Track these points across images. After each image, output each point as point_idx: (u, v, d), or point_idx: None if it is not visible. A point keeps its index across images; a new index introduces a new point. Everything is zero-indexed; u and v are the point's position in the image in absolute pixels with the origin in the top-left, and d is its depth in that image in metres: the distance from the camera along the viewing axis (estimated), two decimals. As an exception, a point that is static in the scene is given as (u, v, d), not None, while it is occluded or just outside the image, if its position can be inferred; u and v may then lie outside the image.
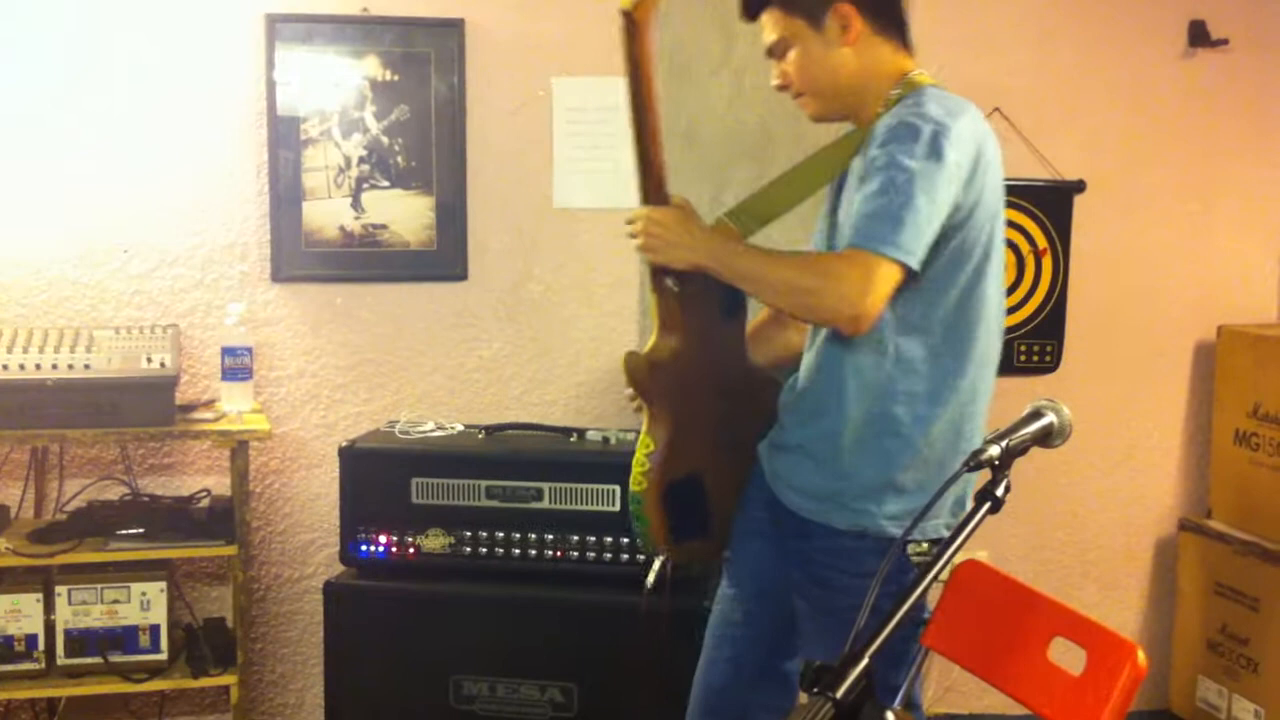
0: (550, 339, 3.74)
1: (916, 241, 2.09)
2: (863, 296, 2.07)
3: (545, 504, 3.14)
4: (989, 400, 2.31)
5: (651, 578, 2.52)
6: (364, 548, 3.20)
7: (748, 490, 2.47)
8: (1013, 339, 3.92)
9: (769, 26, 2.33)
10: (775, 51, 2.35)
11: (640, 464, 2.34)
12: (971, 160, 2.16)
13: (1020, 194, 3.86)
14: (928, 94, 2.23)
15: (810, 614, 2.34)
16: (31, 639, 3.16)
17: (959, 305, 2.22)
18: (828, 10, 2.27)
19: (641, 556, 3.05)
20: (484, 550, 3.16)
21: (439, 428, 3.39)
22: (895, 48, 2.33)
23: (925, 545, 2.23)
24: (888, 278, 2.09)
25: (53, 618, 3.17)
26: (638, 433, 3.37)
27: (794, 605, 2.37)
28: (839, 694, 1.51)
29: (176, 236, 3.51)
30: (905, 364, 2.21)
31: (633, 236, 2.34)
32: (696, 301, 2.33)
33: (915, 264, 2.10)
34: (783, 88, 2.38)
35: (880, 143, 2.16)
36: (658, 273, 2.34)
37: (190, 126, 3.48)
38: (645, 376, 2.32)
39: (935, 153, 2.11)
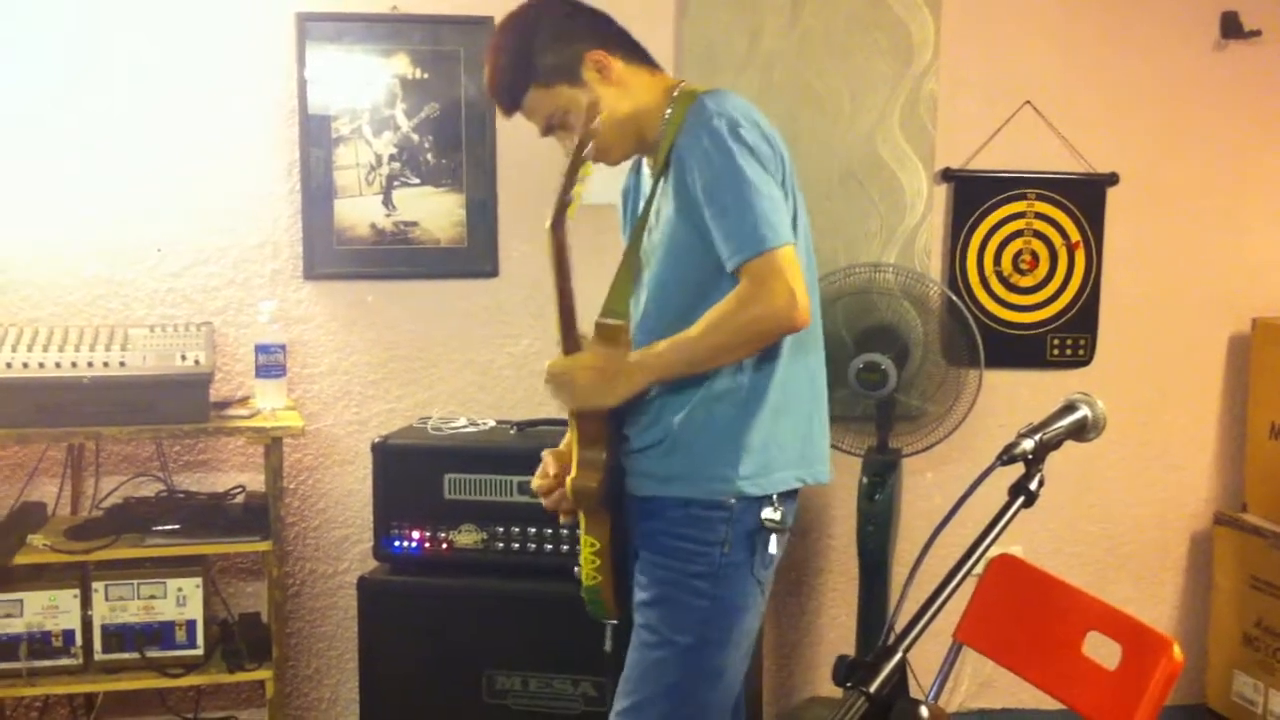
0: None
1: (779, 216, 2.17)
2: (786, 296, 2.13)
3: (577, 499, 3.14)
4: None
5: (609, 644, 2.54)
6: (397, 543, 3.22)
7: None
8: (1046, 333, 3.91)
9: (536, 110, 2.36)
10: (554, 126, 2.37)
11: (591, 562, 2.36)
12: (766, 139, 2.23)
13: (1052, 187, 3.85)
14: (700, 102, 2.26)
15: (652, 585, 2.33)
16: (69, 635, 3.19)
17: None
18: (580, 63, 2.31)
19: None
20: (516, 545, 3.16)
21: (471, 424, 3.40)
22: (650, 71, 2.40)
23: (778, 511, 2.28)
24: (788, 263, 2.15)
25: (90, 613, 3.20)
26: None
27: None
28: (872, 689, 1.51)
29: (209, 235, 3.53)
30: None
31: (556, 390, 2.28)
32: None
33: (793, 235, 2.18)
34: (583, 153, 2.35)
35: (691, 163, 2.21)
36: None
37: (223, 125, 3.51)
38: (594, 494, 2.29)
39: (740, 142, 2.18)
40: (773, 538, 2.30)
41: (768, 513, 2.28)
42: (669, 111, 2.32)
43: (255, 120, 3.53)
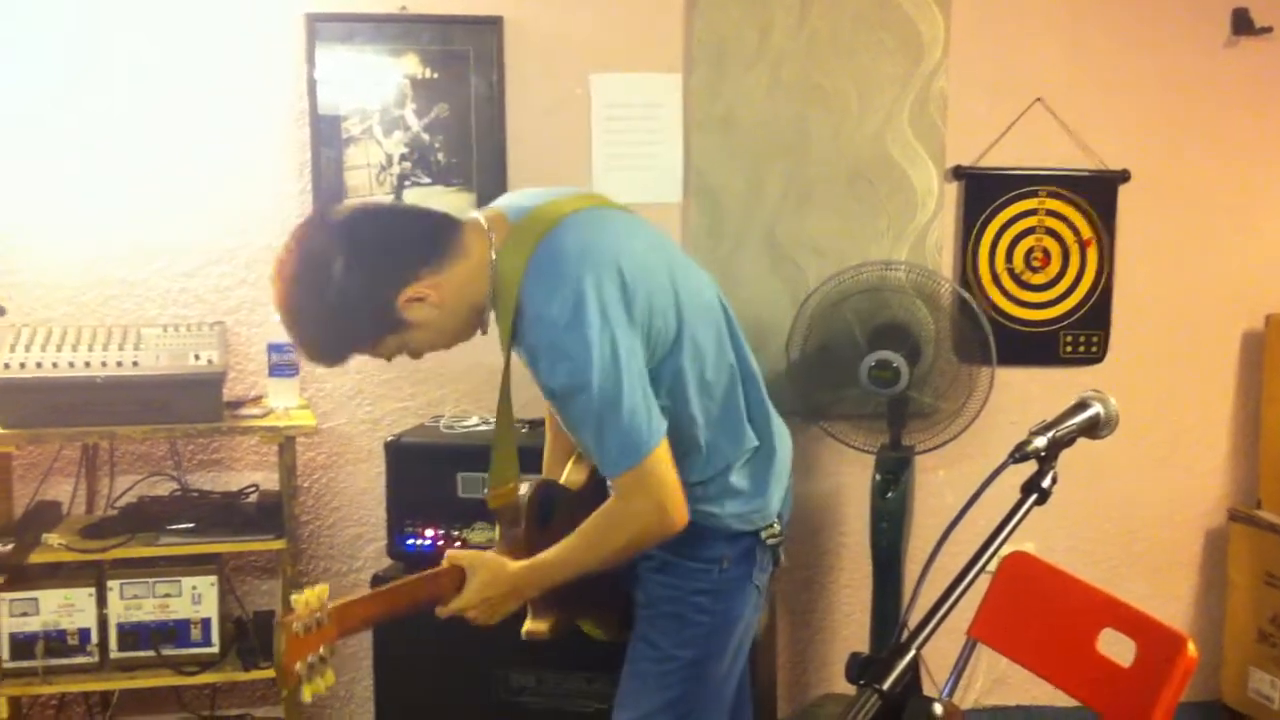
0: (592, 333, 3.75)
1: (647, 420, 2.08)
2: (660, 508, 2.09)
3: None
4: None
5: None
6: (410, 541, 3.22)
7: None
8: (1059, 330, 3.90)
9: (373, 356, 2.19)
10: (394, 357, 2.22)
11: (594, 631, 2.46)
12: (612, 286, 2.08)
13: (1064, 184, 3.84)
14: (530, 276, 2.08)
15: (652, 601, 2.34)
16: (84, 633, 3.20)
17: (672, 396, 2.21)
18: (395, 311, 2.09)
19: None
20: (529, 544, 3.17)
21: (483, 422, 3.40)
22: (459, 254, 2.14)
23: (776, 527, 2.33)
24: (659, 467, 2.09)
25: (105, 612, 3.21)
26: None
27: None
28: (885, 686, 1.51)
29: (221, 235, 3.55)
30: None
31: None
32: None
33: (663, 431, 2.10)
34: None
35: (541, 365, 2.09)
36: None
37: (234, 126, 3.52)
38: (550, 635, 2.33)
39: (589, 342, 2.02)
40: (771, 548, 2.34)
41: (766, 534, 2.32)
42: (494, 259, 2.13)
43: (266, 121, 3.54)
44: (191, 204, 3.52)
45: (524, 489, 2.35)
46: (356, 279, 2.06)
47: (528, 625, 2.32)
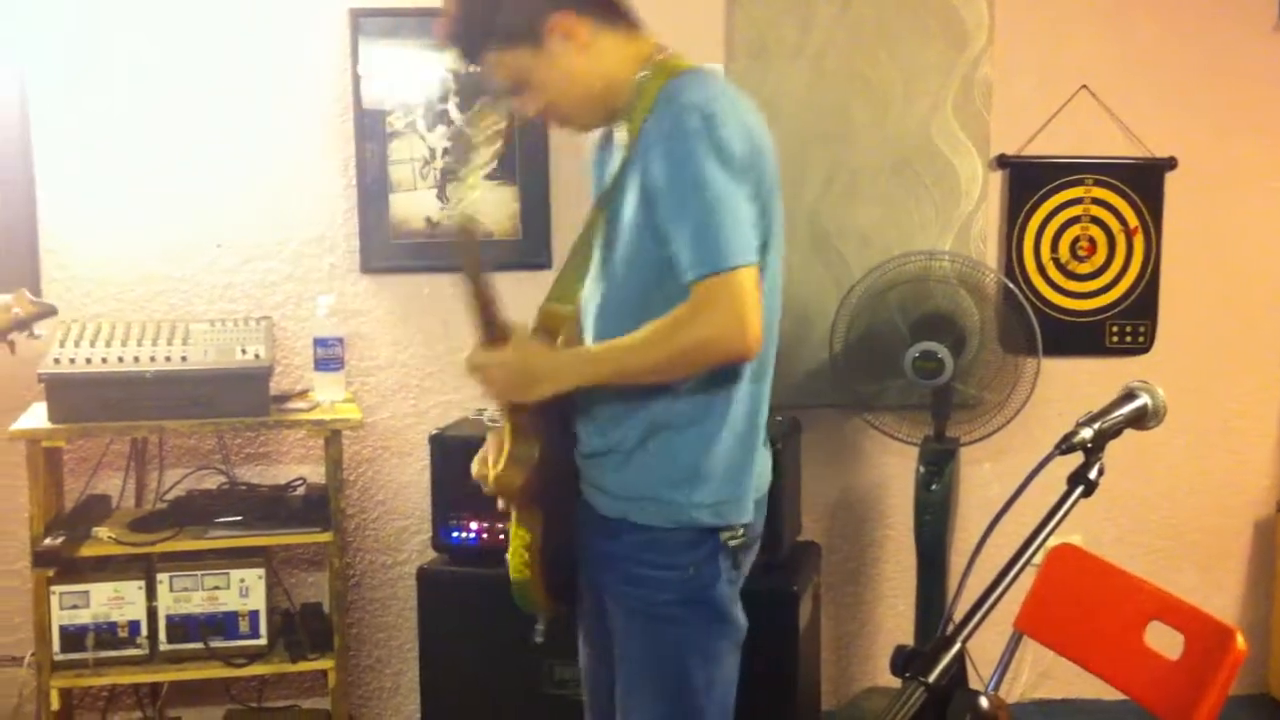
0: (636, 326, 3.75)
1: (747, 236, 2.02)
2: (741, 321, 1.99)
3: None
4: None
5: (540, 637, 2.47)
6: (455, 534, 3.24)
7: None
8: (1105, 319, 3.87)
9: (494, 69, 2.18)
10: (513, 90, 2.21)
11: (519, 555, 2.29)
12: (744, 138, 2.06)
13: (1110, 172, 3.81)
14: (674, 86, 2.09)
15: (624, 615, 2.25)
16: (134, 625, 3.23)
17: None
18: (543, 28, 2.12)
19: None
20: (573, 536, 3.17)
21: (527, 415, 3.41)
22: (625, 33, 2.20)
23: (740, 531, 2.19)
24: (748, 285, 2.00)
25: (155, 604, 3.24)
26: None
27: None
28: (931, 679, 1.50)
29: (267, 230, 3.57)
30: None
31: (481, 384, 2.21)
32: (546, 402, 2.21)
33: (757, 256, 2.04)
34: (539, 116, 2.26)
35: (655, 153, 2.05)
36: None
37: (278, 122, 3.54)
38: (519, 490, 2.22)
39: (711, 143, 2.01)
40: (741, 550, 2.21)
41: (727, 535, 2.18)
42: (641, 76, 2.15)
43: (311, 116, 3.56)
44: (238, 199, 3.55)
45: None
46: None
47: (499, 469, 2.20)
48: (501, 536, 3.16)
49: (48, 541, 3.12)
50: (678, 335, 2.03)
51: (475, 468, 2.30)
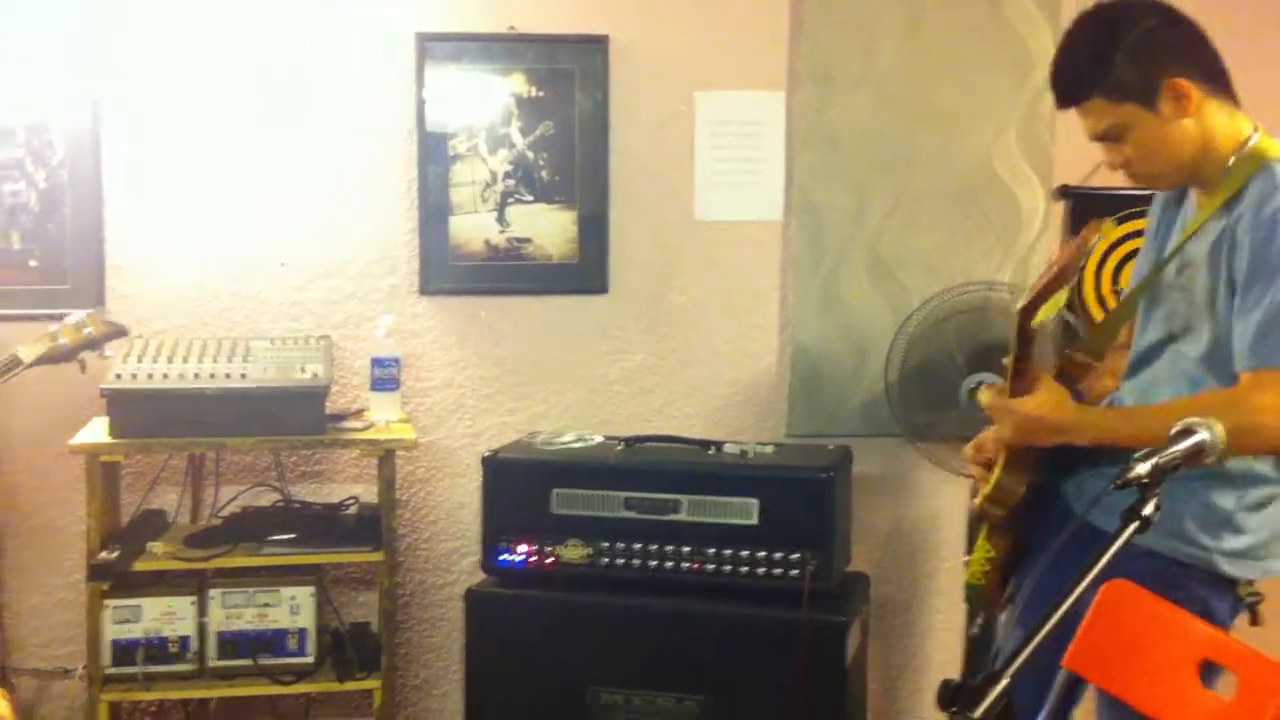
0: (691, 351, 3.75)
1: None
2: None
3: (683, 516, 3.14)
4: None
5: (976, 630, 2.74)
6: (504, 556, 3.24)
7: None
8: (1166, 355, 3.80)
9: (1094, 115, 2.24)
10: (1107, 136, 2.25)
11: (981, 565, 2.43)
12: None
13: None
14: (1271, 173, 2.13)
15: None
16: (185, 640, 3.25)
17: None
18: (1160, 89, 2.17)
19: (779, 570, 3.09)
20: (621, 561, 3.17)
21: (579, 439, 3.42)
22: (1228, 107, 2.24)
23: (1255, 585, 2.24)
24: None
25: (205, 620, 3.26)
26: (775, 445, 3.39)
27: None
28: (978, 714, 1.49)
29: (331, 250, 3.61)
30: None
31: (994, 423, 2.35)
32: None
33: None
34: (1122, 168, 2.31)
35: (1240, 243, 2.11)
36: None
37: (344, 143, 3.58)
38: (999, 519, 2.35)
39: None
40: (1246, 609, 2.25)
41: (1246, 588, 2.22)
42: (1232, 162, 2.19)
43: (375, 138, 3.59)
44: (302, 218, 3.59)
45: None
46: (1155, 37, 2.18)
47: (988, 492, 2.33)
48: (550, 561, 3.18)
49: (103, 555, 3.15)
50: (1220, 413, 1.96)
51: (967, 450, 2.47)
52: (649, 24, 3.64)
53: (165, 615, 3.24)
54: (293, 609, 3.28)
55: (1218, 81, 2.22)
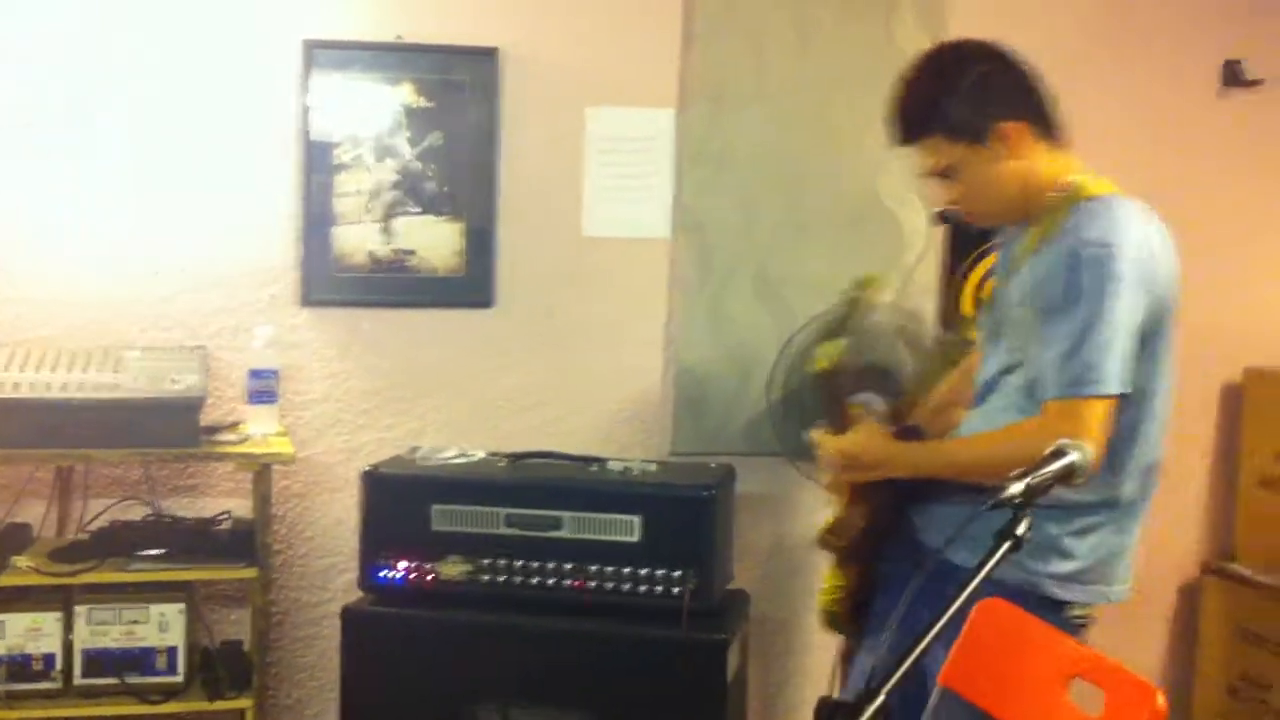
0: (577, 368, 3.74)
1: (1118, 366, 2.16)
2: (1091, 441, 2.04)
3: (564, 533, 3.13)
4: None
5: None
6: (383, 574, 3.19)
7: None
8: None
9: (930, 152, 2.34)
10: (940, 174, 2.36)
11: (832, 594, 2.59)
12: (1141, 270, 2.21)
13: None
14: (1083, 212, 2.23)
15: None
16: (49, 658, 3.16)
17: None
18: (990, 130, 2.28)
19: (660, 588, 3.10)
20: (502, 579, 3.14)
21: (461, 454, 3.38)
22: (1057, 149, 2.36)
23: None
24: (1103, 413, 2.16)
25: (71, 637, 3.17)
26: (659, 463, 3.39)
27: None
28: (854, 731, 1.50)
29: (209, 258, 3.53)
30: None
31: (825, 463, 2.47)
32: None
33: (1124, 388, 2.18)
34: (951, 205, 2.41)
35: (1053, 275, 2.20)
36: None
37: (225, 149, 3.51)
38: (841, 551, 2.48)
39: (1109, 278, 2.15)
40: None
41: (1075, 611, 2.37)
42: (1049, 199, 2.30)
43: (258, 145, 3.53)
44: (178, 225, 3.50)
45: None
46: (987, 82, 2.30)
47: (828, 525, 2.49)
48: (430, 578, 3.15)
49: (-37, 570, 3.05)
50: (1018, 445, 2.09)
51: (817, 436, 2.53)
52: (540, 37, 3.63)
53: (30, 632, 3.15)
54: (162, 626, 3.20)
55: (1048, 124, 2.35)
